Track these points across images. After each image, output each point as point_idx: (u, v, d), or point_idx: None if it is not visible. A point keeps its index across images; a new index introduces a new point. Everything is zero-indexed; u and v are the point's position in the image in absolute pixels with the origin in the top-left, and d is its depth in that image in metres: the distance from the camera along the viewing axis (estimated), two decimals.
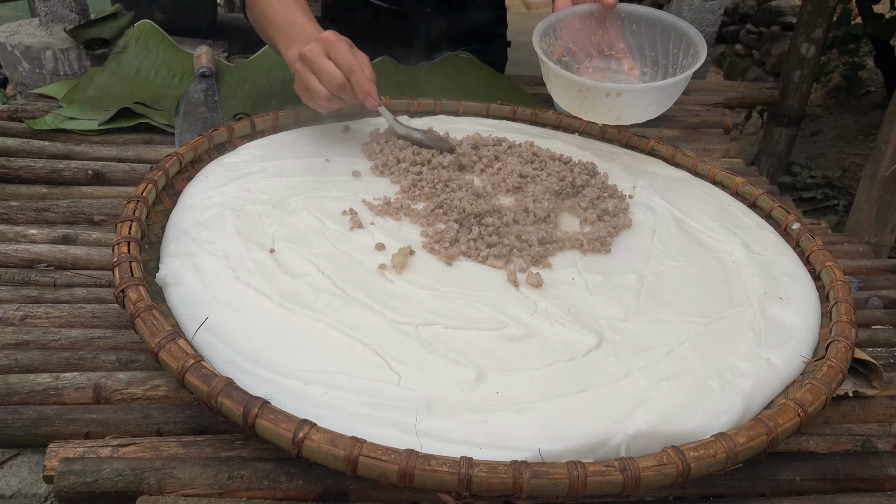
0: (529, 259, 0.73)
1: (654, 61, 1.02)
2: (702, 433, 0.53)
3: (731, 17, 4.03)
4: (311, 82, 0.85)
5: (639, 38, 1.02)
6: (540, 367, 0.59)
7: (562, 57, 1.02)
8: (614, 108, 0.93)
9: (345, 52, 0.84)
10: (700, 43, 0.95)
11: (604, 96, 0.93)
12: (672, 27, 0.99)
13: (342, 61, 0.83)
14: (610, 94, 0.92)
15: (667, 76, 1.00)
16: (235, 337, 0.59)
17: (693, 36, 0.96)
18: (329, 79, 0.83)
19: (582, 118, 1.02)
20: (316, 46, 0.84)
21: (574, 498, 0.48)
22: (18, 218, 0.86)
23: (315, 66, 0.84)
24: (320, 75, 0.84)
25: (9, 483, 0.58)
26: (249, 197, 0.80)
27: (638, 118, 0.97)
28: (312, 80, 0.85)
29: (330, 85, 0.84)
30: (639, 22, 1.02)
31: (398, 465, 0.46)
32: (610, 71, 1.04)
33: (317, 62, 0.84)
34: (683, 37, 0.98)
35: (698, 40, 0.96)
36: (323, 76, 0.84)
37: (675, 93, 0.95)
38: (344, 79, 0.84)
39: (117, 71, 1.25)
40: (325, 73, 0.83)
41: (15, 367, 0.62)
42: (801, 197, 2.58)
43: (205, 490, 0.52)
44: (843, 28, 2.72)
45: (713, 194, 0.92)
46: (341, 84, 0.84)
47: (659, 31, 1.01)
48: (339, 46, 0.84)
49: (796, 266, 0.78)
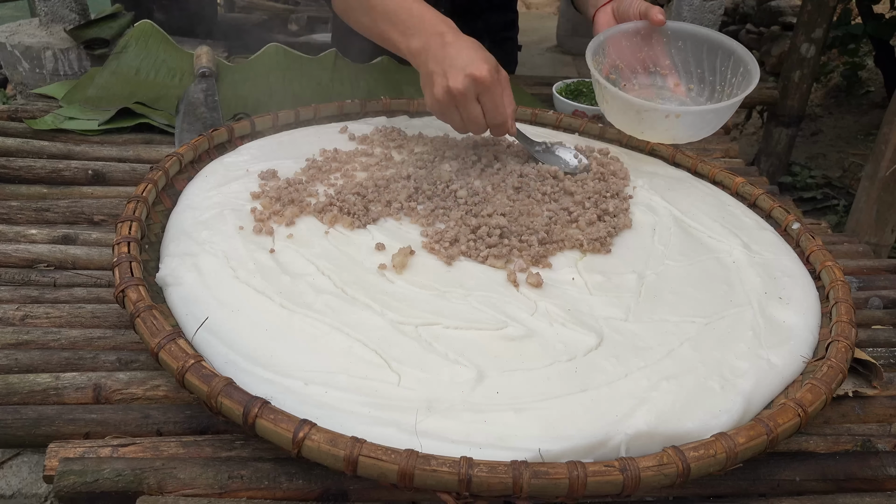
0: (529, 259, 0.73)
1: (701, 78, 1.03)
2: (702, 433, 0.53)
3: (731, 17, 4.04)
4: (455, 120, 0.83)
5: (684, 55, 1.04)
6: (540, 367, 0.59)
7: (608, 74, 1.03)
8: (671, 129, 0.94)
9: (496, 101, 0.81)
10: (751, 61, 0.96)
11: (662, 118, 0.94)
12: (719, 45, 1.00)
13: (491, 113, 0.82)
14: (669, 116, 0.94)
15: (714, 93, 1.02)
16: (235, 337, 0.59)
17: (742, 54, 0.97)
18: (475, 128, 0.83)
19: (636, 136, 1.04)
20: (468, 87, 0.79)
21: (574, 498, 0.48)
22: (18, 218, 0.86)
23: (464, 111, 0.81)
24: (467, 121, 0.82)
25: (9, 483, 0.58)
26: (249, 197, 0.80)
27: (692, 137, 0.98)
28: (456, 119, 0.83)
29: (474, 132, 0.84)
30: (685, 39, 1.03)
31: (398, 465, 0.46)
32: (655, 87, 1.05)
33: (467, 108, 0.81)
34: (732, 54, 0.99)
35: (748, 58, 0.96)
36: (469, 123, 0.83)
37: (729, 112, 0.96)
38: (486, 128, 0.84)
39: (117, 71, 1.25)
40: (472, 123, 0.82)
41: (15, 367, 0.62)
42: (801, 197, 2.58)
43: (205, 490, 0.52)
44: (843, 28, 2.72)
45: (713, 194, 0.92)
46: (482, 132, 0.85)
47: (706, 48, 1.02)
48: (493, 95, 0.81)
49: (796, 266, 0.78)
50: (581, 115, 1.17)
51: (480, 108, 0.81)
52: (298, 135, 0.98)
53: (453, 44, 0.82)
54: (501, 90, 0.82)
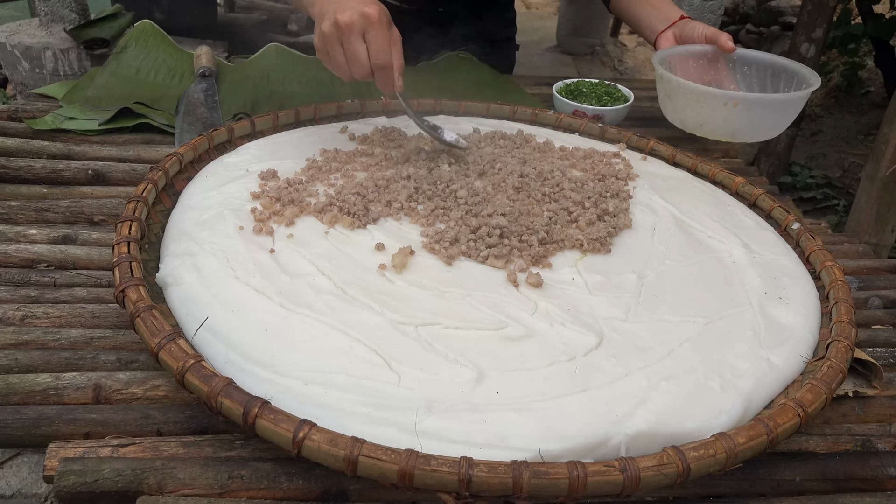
0: (529, 259, 0.73)
1: None
2: (702, 433, 0.53)
3: (731, 17, 4.04)
4: (338, 59, 0.81)
5: (749, 80, 1.08)
6: (540, 367, 0.59)
7: None
8: (730, 120, 0.95)
9: (382, 39, 0.79)
10: (813, 76, 0.99)
11: (721, 105, 0.96)
12: (783, 68, 1.04)
13: (376, 53, 0.79)
14: (727, 104, 0.96)
15: None
16: (235, 337, 0.59)
17: (806, 73, 1.01)
18: (357, 68, 0.80)
19: (698, 134, 1.05)
20: (356, 21, 0.79)
21: (574, 498, 0.48)
22: (18, 218, 0.86)
23: (348, 46, 0.80)
24: (350, 59, 0.80)
25: (9, 483, 0.58)
26: (249, 197, 0.80)
27: (753, 135, 0.98)
28: (339, 57, 0.81)
29: (356, 73, 0.81)
30: (750, 65, 1.08)
31: (398, 465, 0.46)
32: None
33: (350, 43, 0.79)
34: (795, 75, 1.03)
35: (811, 75, 0.99)
36: (352, 62, 0.80)
37: (790, 112, 0.98)
38: (370, 70, 0.80)
39: (117, 71, 1.25)
40: (355, 60, 0.80)
41: (15, 367, 0.62)
42: (801, 197, 2.58)
43: (205, 490, 0.52)
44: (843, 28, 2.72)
45: (713, 194, 0.92)
46: (364, 76, 0.81)
47: (770, 73, 1.06)
48: (379, 32, 0.79)
49: (796, 266, 0.78)
50: (581, 114, 1.17)
51: (365, 47, 0.79)
52: (298, 135, 0.98)
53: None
54: (388, 34, 0.80)
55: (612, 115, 1.19)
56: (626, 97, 1.22)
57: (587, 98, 1.22)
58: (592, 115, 1.18)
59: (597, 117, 1.17)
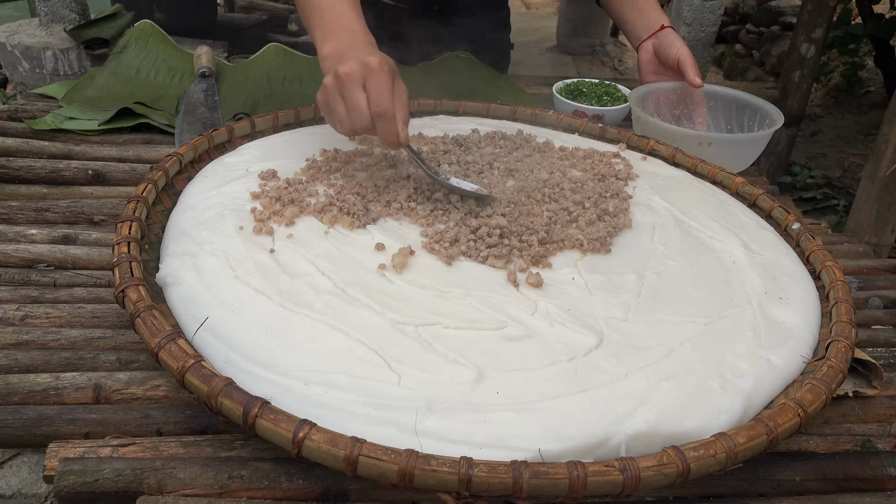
0: (529, 259, 0.73)
1: (730, 132, 1.14)
2: (702, 433, 0.53)
3: (731, 17, 4.04)
4: (338, 110, 0.78)
5: (715, 113, 1.17)
6: (540, 367, 0.59)
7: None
8: (704, 157, 1.00)
9: (383, 88, 0.75)
10: (776, 113, 1.08)
11: (696, 144, 1.03)
12: (747, 104, 1.14)
13: (376, 101, 0.75)
14: (702, 143, 1.03)
15: None
16: (235, 337, 0.59)
17: (770, 110, 1.10)
18: (356, 117, 0.77)
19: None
20: (356, 70, 0.76)
21: (574, 498, 0.48)
22: (18, 218, 0.86)
23: (347, 95, 0.77)
24: (349, 108, 0.77)
25: (9, 483, 0.58)
26: (249, 197, 0.80)
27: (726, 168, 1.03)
28: (339, 108, 0.78)
29: (356, 124, 0.77)
30: (716, 99, 1.17)
31: (398, 465, 0.46)
32: None
33: (350, 91, 0.76)
34: (759, 111, 1.12)
35: (774, 112, 1.09)
36: (351, 111, 0.77)
37: (756, 149, 1.07)
38: (370, 122, 0.76)
39: (117, 71, 1.25)
40: (354, 109, 0.76)
41: (15, 367, 0.62)
42: (801, 197, 2.58)
43: (205, 490, 0.52)
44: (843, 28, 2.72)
45: (713, 194, 0.92)
46: (366, 127, 0.77)
47: (735, 107, 1.15)
48: (378, 80, 0.75)
49: (796, 266, 0.78)
50: (581, 114, 1.17)
51: (365, 96, 0.76)
52: (298, 135, 0.98)
53: (360, 47, 0.82)
54: (389, 83, 0.76)
55: (612, 115, 1.19)
56: (626, 97, 1.22)
57: (587, 98, 1.22)
58: (593, 115, 1.18)
59: (597, 117, 1.18)
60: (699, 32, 1.73)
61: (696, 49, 1.74)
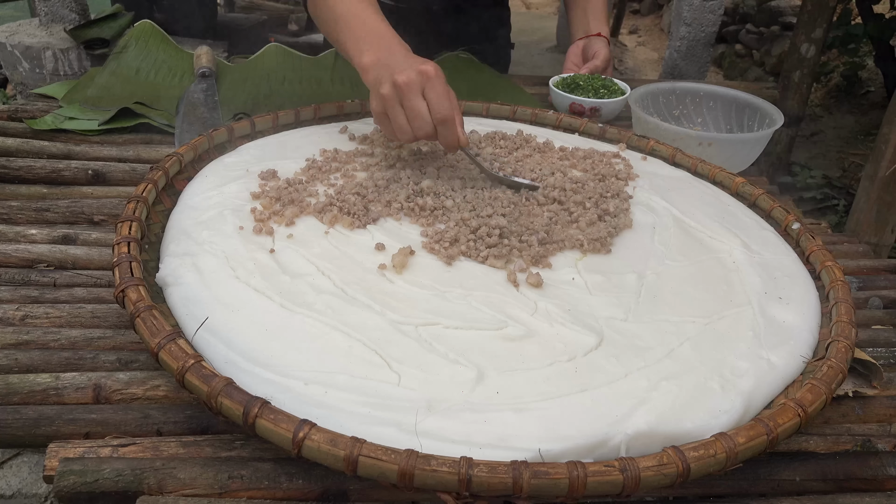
0: (529, 259, 0.73)
1: (730, 132, 1.15)
2: (702, 433, 0.53)
3: (731, 17, 4.04)
4: (399, 120, 0.79)
5: (715, 113, 1.18)
6: (540, 367, 0.59)
7: None
8: (704, 157, 1.00)
9: (441, 93, 0.78)
10: (775, 112, 1.09)
11: (696, 145, 1.04)
12: (747, 104, 1.15)
13: (437, 108, 0.77)
14: (702, 143, 1.04)
15: None
16: (235, 337, 0.59)
17: (770, 110, 1.10)
18: (419, 125, 0.78)
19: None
20: (414, 80, 0.77)
21: (574, 498, 0.48)
22: (18, 218, 0.86)
23: (408, 104, 0.78)
24: (411, 117, 0.78)
25: (9, 483, 0.58)
26: (249, 197, 0.80)
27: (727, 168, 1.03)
28: (401, 118, 0.79)
29: (419, 131, 0.79)
30: (716, 99, 1.18)
31: (398, 465, 0.46)
32: None
33: (412, 101, 0.78)
34: (758, 111, 1.13)
35: (773, 111, 1.10)
36: (414, 120, 0.78)
37: (756, 149, 1.07)
38: (433, 129, 0.79)
39: (117, 71, 1.25)
40: (416, 118, 0.78)
41: (15, 367, 0.62)
42: (801, 197, 2.58)
43: (205, 490, 0.52)
44: (843, 28, 2.72)
45: (713, 194, 0.92)
46: (428, 133, 0.79)
47: (735, 107, 1.16)
48: (437, 87, 0.78)
49: (796, 266, 0.78)
50: (579, 108, 1.16)
51: (426, 104, 0.78)
52: (298, 135, 0.98)
53: (402, 55, 0.83)
54: (447, 89, 0.79)
55: (609, 107, 1.19)
56: (623, 90, 1.22)
57: (584, 91, 1.21)
58: (590, 107, 1.17)
59: (594, 110, 1.17)
60: (699, 32, 1.73)
61: (696, 49, 1.74)
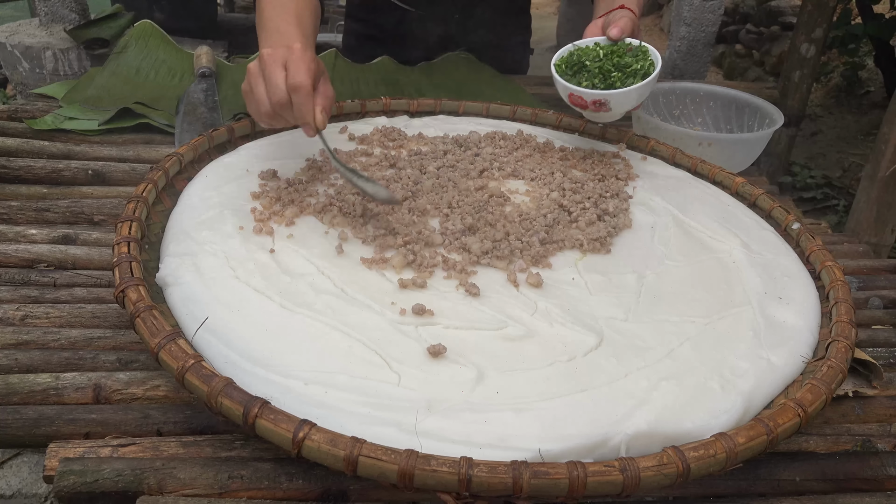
0: (529, 259, 0.73)
1: (730, 132, 1.15)
2: (702, 433, 0.53)
3: (731, 17, 4.04)
4: (258, 89, 0.77)
5: (715, 113, 1.18)
6: (540, 367, 0.59)
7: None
8: (704, 157, 1.00)
9: (301, 66, 0.75)
10: (775, 112, 1.09)
11: (696, 144, 1.04)
12: (747, 104, 1.15)
13: (293, 75, 0.75)
14: (702, 144, 1.04)
15: None
16: (235, 337, 0.59)
17: (770, 110, 1.11)
18: (273, 91, 0.76)
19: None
20: (279, 53, 0.76)
21: (574, 498, 0.48)
22: (18, 218, 0.86)
23: (267, 73, 0.76)
24: (267, 84, 0.76)
25: (9, 483, 0.58)
26: (249, 197, 0.80)
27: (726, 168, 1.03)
28: (259, 88, 0.77)
29: (272, 97, 0.76)
30: (716, 99, 1.18)
31: (398, 465, 0.46)
32: None
33: (270, 70, 0.76)
34: (759, 111, 1.13)
35: (773, 111, 1.10)
36: (270, 88, 0.76)
37: (756, 149, 1.07)
38: (286, 97, 0.75)
39: (117, 71, 1.25)
40: (272, 85, 0.76)
41: (15, 367, 0.62)
42: (801, 197, 2.58)
43: (205, 490, 0.52)
44: (843, 28, 2.72)
45: (713, 194, 0.92)
46: (281, 101, 0.76)
47: (735, 107, 1.16)
48: (300, 60, 0.76)
49: (796, 266, 0.78)
50: (579, 101, 0.89)
51: (284, 74, 0.76)
52: (298, 135, 0.97)
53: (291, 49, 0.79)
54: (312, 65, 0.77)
55: (619, 99, 0.86)
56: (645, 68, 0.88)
57: (590, 75, 0.89)
58: (592, 100, 0.87)
59: (598, 104, 0.87)
60: (699, 32, 1.73)
61: (696, 49, 1.74)
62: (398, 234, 0.74)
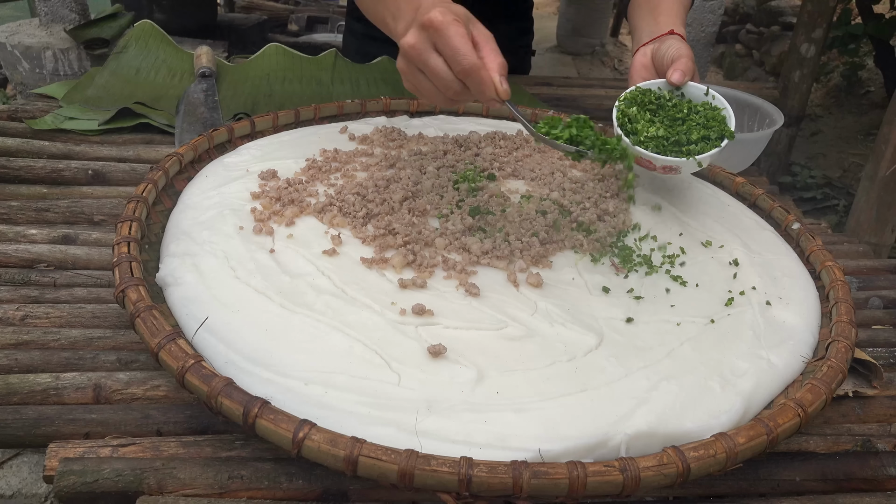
0: (529, 259, 0.73)
1: None
2: (702, 433, 0.53)
3: (731, 17, 4.04)
4: (423, 86, 0.69)
5: None
6: (540, 367, 0.59)
7: None
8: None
9: (457, 43, 0.65)
10: (776, 112, 1.07)
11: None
12: (747, 104, 1.13)
13: (455, 58, 0.66)
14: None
15: None
16: (235, 337, 0.59)
17: (770, 110, 1.09)
18: (443, 84, 0.68)
19: None
20: (420, 39, 0.67)
21: (574, 498, 0.48)
22: (18, 218, 0.86)
23: (424, 67, 0.68)
24: (432, 78, 0.68)
25: (9, 483, 0.58)
26: (249, 197, 0.80)
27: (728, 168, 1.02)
28: (424, 84, 0.69)
29: (447, 91, 0.69)
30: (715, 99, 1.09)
31: (398, 465, 0.46)
32: None
33: (425, 62, 0.67)
34: (759, 111, 1.12)
35: (773, 111, 1.08)
36: (435, 80, 0.68)
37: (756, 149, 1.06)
38: (460, 85, 0.68)
39: (117, 71, 1.25)
40: (437, 77, 0.68)
41: (15, 367, 0.62)
42: (801, 197, 2.58)
43: (205, 490, 0.52)
44: (843, 28, 2.72)
45: (713, 194, 0.92)
46: (458, 91, 0.68)
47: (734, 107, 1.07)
48: (448, 35, 0.65)
49: (796, 266, 0.78)
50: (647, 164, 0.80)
51: (441, 59, 0.67)
52: (298, 135, 0.97)
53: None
54: (462, 31, 0.66)
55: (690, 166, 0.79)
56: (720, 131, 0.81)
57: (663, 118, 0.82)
58: (661, 166, 0.79)
59: (669, 169, 0.80)
60: (699, 32, 1.73)
61: (696, 49, 1.74)
62: (398, 233, 0.74)
